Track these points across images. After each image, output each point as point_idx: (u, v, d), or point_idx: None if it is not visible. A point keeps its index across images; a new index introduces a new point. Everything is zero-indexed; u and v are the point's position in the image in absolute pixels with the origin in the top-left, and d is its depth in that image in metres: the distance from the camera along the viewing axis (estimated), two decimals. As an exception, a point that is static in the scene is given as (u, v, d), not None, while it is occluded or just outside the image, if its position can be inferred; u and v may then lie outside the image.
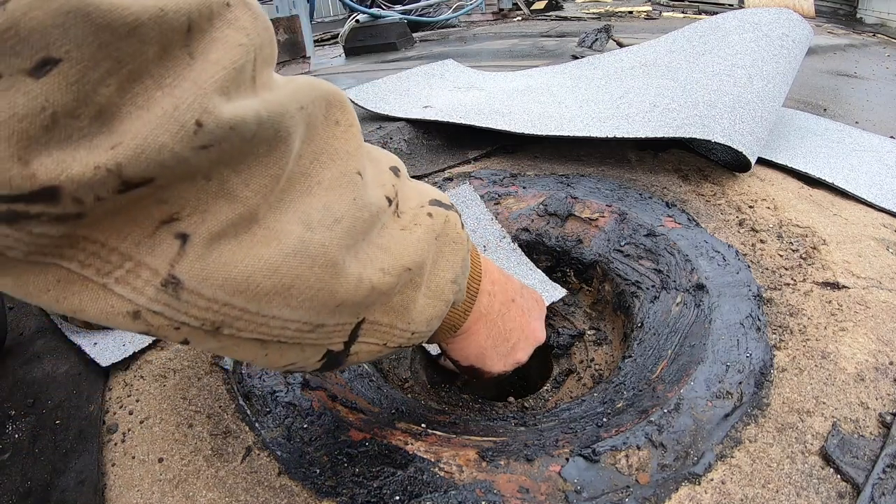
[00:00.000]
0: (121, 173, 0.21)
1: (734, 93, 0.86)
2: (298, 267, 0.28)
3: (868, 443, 0.41)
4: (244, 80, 0.25)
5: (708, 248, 0.65)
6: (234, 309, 0.27)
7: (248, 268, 0.26)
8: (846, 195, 0.78)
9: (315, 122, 0.30)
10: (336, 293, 0.30)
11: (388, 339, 0.37)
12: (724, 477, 0.40)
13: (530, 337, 0.52)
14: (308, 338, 0.31)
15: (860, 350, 0.49)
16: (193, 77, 0.22)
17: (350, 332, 0.34)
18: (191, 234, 0.24)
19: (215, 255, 0.25)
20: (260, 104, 0.25)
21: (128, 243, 0.24)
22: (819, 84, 1.51)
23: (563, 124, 0.91)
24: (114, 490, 0.42)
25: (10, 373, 0.54)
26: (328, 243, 0.29)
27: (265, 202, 0.26)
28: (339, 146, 0.31)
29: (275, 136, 0.26)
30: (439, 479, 0.41)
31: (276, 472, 0.42)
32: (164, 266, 0.24)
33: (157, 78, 0.22)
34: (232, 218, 0.25)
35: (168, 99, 0.22)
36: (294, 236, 0.27)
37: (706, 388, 0.46)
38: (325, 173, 0.30)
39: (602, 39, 1.93)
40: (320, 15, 4.74)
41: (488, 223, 0.74)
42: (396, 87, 1.23)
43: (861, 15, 3.38)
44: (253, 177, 0.26)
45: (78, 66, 0.19)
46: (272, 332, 0.29)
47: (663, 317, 0.58)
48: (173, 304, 0.25)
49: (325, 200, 0.29)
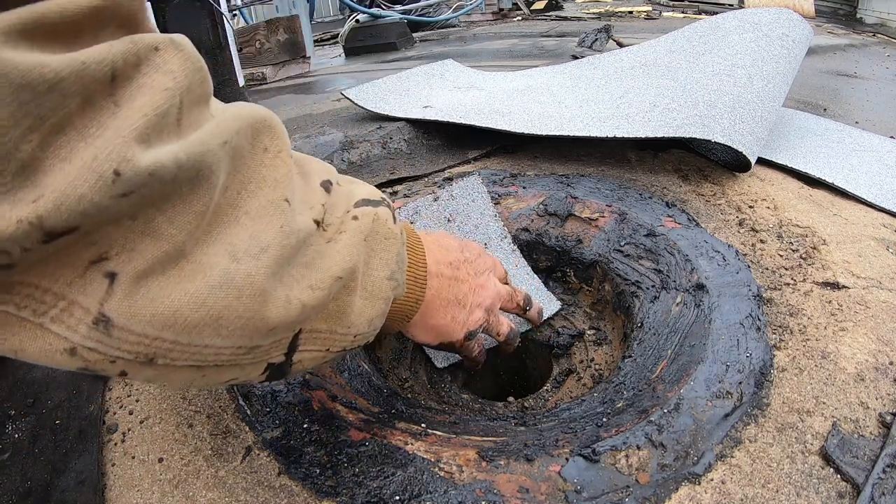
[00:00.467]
0: (42, 225, 0.21)
1: (734, 93, 0.86)
2: (225, 298, 0.28)
3: (868, 443, 0.41)
4: (167, 124, 0.25)
5: (708, 248, 0.65)
6: (164, 342, 0.27)
7: (175, 302, 0.27)
8: (846, 195, 0.78)
9: (241, 152, 0.30)
10: (267, 319, 0.30)
11: (329, 345, 0.37)
12: (724, 477, 0.40)
13: (483, 293, 0.53)
14: (245, 359, 0.32)
15: (860, 350, 0.49)
16: (116, 126, 0.23)
17: (288, 344, 0.34)
18: (118, 272, 0.25)
19: (143, 292, 0.26)
20: (180, 148, 0.25)
21: (60, 284, 0.24)
22: (819, 84, 1.51)
23: (563, 124, 0.91)
24: (114, 490, 0.42)
25: (10, 373, 0.54)
26: (255, 272, 0.29)
27: (191, 238, 0.27)
28: (267, 174, 0.31)
29: (196, 175, 0.26)
30: (439, 479, 0.41)
31: (276, 472, 0.42)
32: (94, 305, 0.25)
33: (81, 129, 0.22)
34: (158, 256, 0.26)
35: (89, 150, 0.22)
36: (220, 268, 0.28)
37: (706, 387, 0.46)
38: (252, 202, 0.30)
39: (602, 39, 1.94)
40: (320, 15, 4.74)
41: (490, 220, 0.73)
42: (396, 87, 1.23)
43: (861, 15, 3.39)
44: (177, 215, 0.26)
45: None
46: (206, 359, 0.30)
47: (663, 317, 0.58)
48: (105, 340, 0.26)
49: (252, 230, 0.30)
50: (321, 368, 0.39)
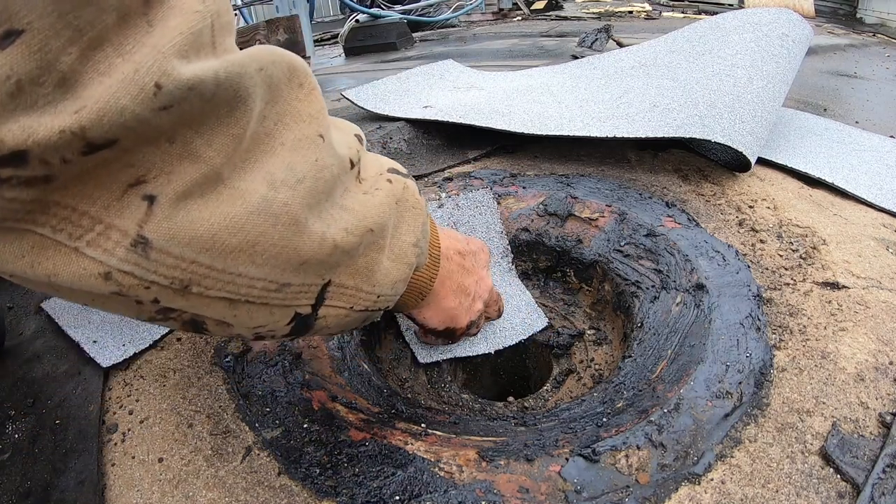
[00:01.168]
0: (85, 136, 0.22)
1: (734, 93, 0.86)
2: (262, 224, 0.29)
3: (868, 443, 0.41)
4: (203, 43, 0.25)
5: (708, 248, 0.65)
6: (201, 266, 0.27)
7: (214, 226, 0.27)
8: (846, 195, 0.78)
9: (277, 83, 0.30)
10: (300, 250, 0.31)
11: (354, 303, 0.38)
12: (724, 477, 0.40)
13: (483, 286, 0.56)
14: (275, 297, 0.32)
15: (860, 350, 0.49)
16: (153, 43, 0.23)
17: (317, 294, 0.35)
18: (157, 195, 0.25)
19: (182, 215, 0.26)
20: (219, 65, 0.25)
21: (97, 207, 0.24)
22: (819, 84, 1.51)
23: (563, 124, 0.91)
24: (114, 490, 0.42)
25: (10, 373, 0.54)
26: (291, 202, 0.30)
27: (229, 162, 0.27)
28: (302, 108, 0.31)
29: (234, 96, 0.26)
30: (439, 479, 0.41)
31: (276, 472, 0.42)
32: (132, 227, 0.25)
33: (118, 45, 0.22)
34: (196, 178, 0.26)
35: (128, 64, 0.22)
36: (258, 195, 0.28)
37: (706, 388, 0.46)
38: (287, 134, 0.30)
39: (602, 39, 1.93)
40: (320, 15, 4.74)
41: (496, 235, 0.73)
42: (396, 87, 1.23)
43: (861, 15, 3.39)
44: (215, 137, 0.26)
45: (40, 35, 0.20)
46: (239, 291, 0.30)
47: (663, 317, 0.58)
48: (142, 263, 0.26)
49: (289, 161, 0.30)
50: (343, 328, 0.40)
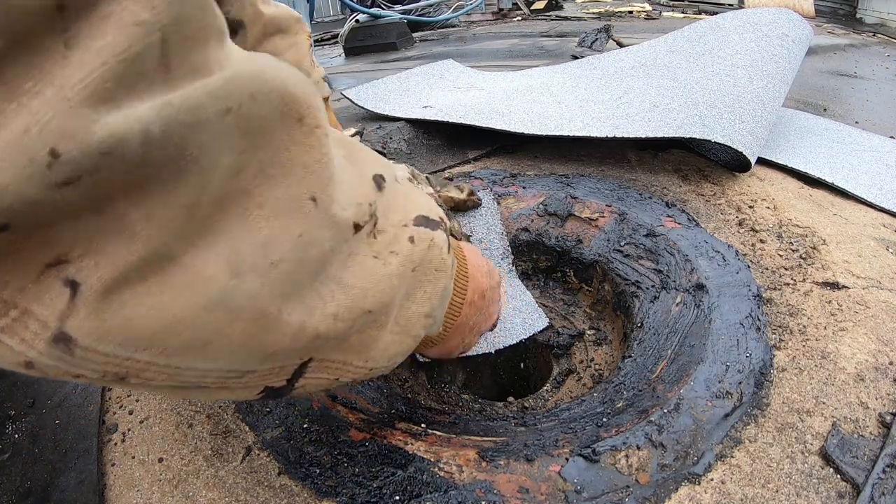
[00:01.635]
0: None
1: (734, 93, 0.86)
2: (217, 322, 0.23)
3: (868, 443, 0.41)
4: (143, 72, 0.18)
5: (708, 248, 0.65)
6: (138, 362, 0.23)
7: (154, 324, 0.22)
8: (846, 195, 0.78)
9: (261, 125, 0.23)
10: (265, 345, 0.26)
11: (340, 375, 0.33)
12: (724, 477, 0.40)
13: (489, 322, 0.56)
14: (236, 383, 0.27)
15: (860, 350, 0.49)
16: (62, 79, 0.17)
17: (293, 371, 0.30)
18: (82, 282, 0.20)
19: (114, 308, 0.21)
20: (153, 114, 0.19)
21: (10, 289, 0.20)
22: (819, 84, 1.51)
23: (563, 124, 0.91)
24: (114, 490, 0.42)
25: (10, 373, 0.54)
26: (259, 293, 0.24)
27: (178, 238, 0.21)
28: (296, 156, 0.25)
29: (180, 155, 0.20)
30: (439, 479, 0.41)
31: (276, 472, 0.42)
32: (52, 320, 0.20)
33: (13, 84, 0.17)
34: (133, 261, 0.21)
35: (20, 118, 0.16)
36: (216, 284, 0.23)
37: (706, 388, 0.46)
38: (269, 193, 0.24)
39: (602, 39, 1.94)
40: (320, 15, 4.74)
41: (496, 237, 0.73)
42: (396, 87, 1.24)
43: (861, 15, 3.39)
44: (156, 210, 0.20)
45: None
46: (188, 381, 0.25)
47: (663, 317, 0.58)
48: (67, 359, 0.21)
49: (264, 235, 0.24)
50: (327, 390, 0.37)
